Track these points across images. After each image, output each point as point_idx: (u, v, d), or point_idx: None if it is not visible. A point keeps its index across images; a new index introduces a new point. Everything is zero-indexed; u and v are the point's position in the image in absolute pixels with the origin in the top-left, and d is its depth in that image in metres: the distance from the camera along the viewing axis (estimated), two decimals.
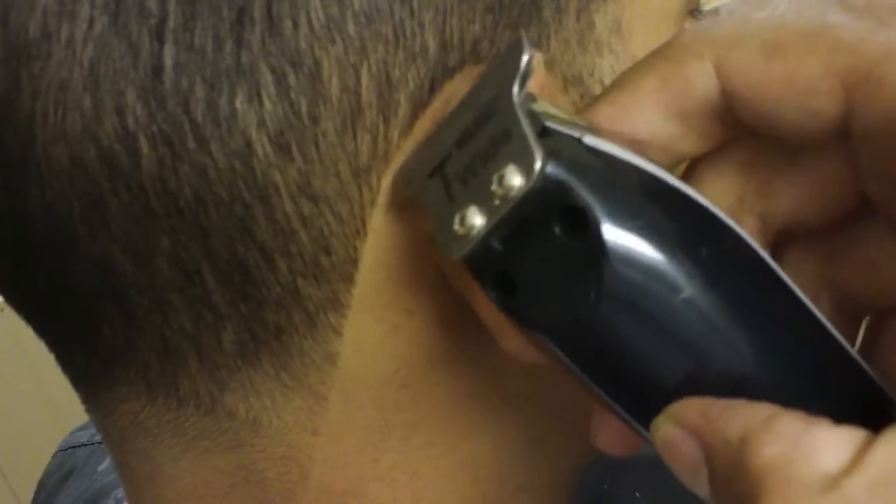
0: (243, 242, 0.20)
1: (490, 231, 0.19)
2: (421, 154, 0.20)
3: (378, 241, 0.21)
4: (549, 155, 0.18)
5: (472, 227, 0.19)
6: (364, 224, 0.21)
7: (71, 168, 0.19)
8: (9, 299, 0.24)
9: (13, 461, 1.36)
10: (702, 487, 0.18)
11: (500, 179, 0.19)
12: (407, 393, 0.23)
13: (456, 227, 0.19)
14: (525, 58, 0.19)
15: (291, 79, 0.19)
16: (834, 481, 0.16)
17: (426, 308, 0.22)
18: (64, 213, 0.20)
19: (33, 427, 1.29)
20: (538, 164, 0.18)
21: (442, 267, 0.22)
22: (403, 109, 0.20)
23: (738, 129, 0.20)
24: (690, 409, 0.18)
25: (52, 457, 0.47)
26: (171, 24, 0.19)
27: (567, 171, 0.19)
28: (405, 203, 0.21)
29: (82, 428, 0.48)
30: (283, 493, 0.23)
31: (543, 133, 0.19)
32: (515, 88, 0.19)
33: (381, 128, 0.20)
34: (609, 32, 0.22)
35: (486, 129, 0.19)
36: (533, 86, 0.20)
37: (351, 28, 0.19)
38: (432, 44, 0.20)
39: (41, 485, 0.46)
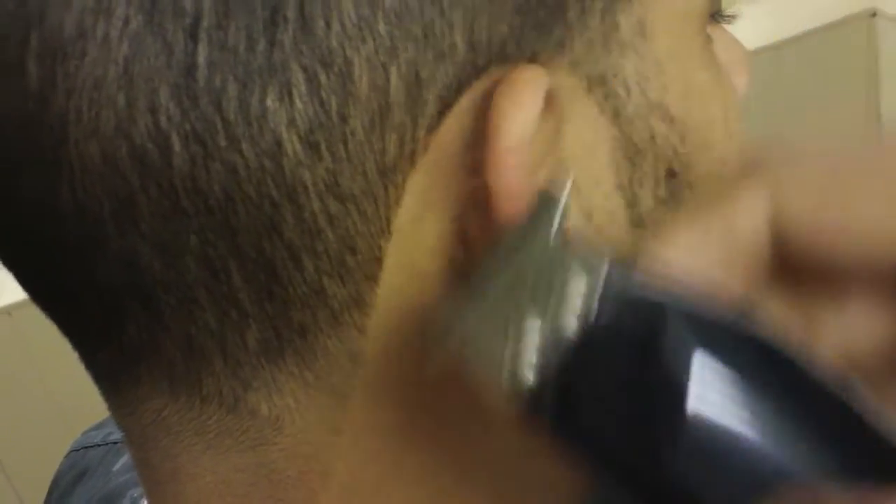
0: (270, 241, 0.20)
1: (553, 369, 0.19)
2: (461, 292, 0.20)
3: (401, 241, 0.21)
4: (623, 289, 0.18)
5: (531, 365, 0.19)
6: (389, 223, 0.21)
7: (103, 166, 0.20)
8: (34, 296, 0.24)
9: (20, 464, 1.36)
10: None
11: (569, 313, 0.19)
12: (430, 393, 0.23)
13: (514, 363, 0.19)
14: (562, 199, 0.19)
15: (322, 78, 0.19)
16: None
17: None
18: (94, 210, 0.20)
19: (40, 431, 1.29)
20: (611, 293, 0.18)
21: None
22: (431, 109, 0.20)
23: (787, 273, 0.20)
24: None
25: (65, 457, 0.47)
26: (205, 23, 0.19)
27: (638, 306, 0.18)
28: (427, 206, 0.21)
29: (95, 428, 0.48)
30: (305, 493, 0.23)
31: (591, 270, 0.19)
32: (555, 228, 0.19)
33: (409, 127, 0.20)
34: (633, 34, 0.22)
35: (543, 270, 0.19)
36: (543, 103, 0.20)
37: (382, 27, 0.19)
38: (461, 44, 0.20)
39: (54, 485, 0.46)
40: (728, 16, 0.26)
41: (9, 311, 1.29)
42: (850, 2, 1.41)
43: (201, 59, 0.19)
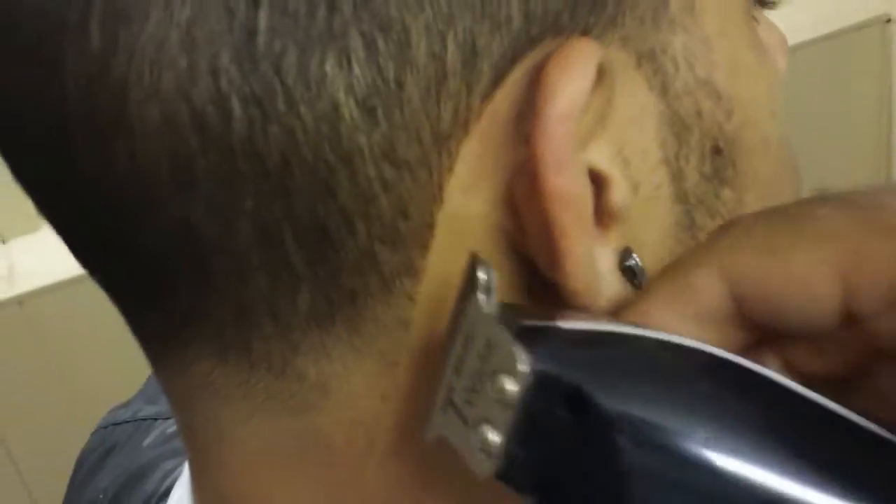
0: (325, 205, 0.21)
1: (508, 443, 0.20)
2: (432, 398, 0.21)
3: (452, 209, 0.21)
4: (531, 351, 0.19)
5: (492, 445, 0.20)
6: (441, 190, 0.21)
7: (162, 127, 0.20)
8: (85, 262, 0.24)
9: (30, 454, 1.36)
10: None
11: (498, 390, 0.19)
12: None
13: (478, 449, 0.20)
14: (481, 273, 0.20)
15: (381, 44, 0.20)
16: None
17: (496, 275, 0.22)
18: (151, 172, 0.20)
19: (51, 420, 1.29)
20: (522, 364, 0.19)
21: None
22: (486, 78, 0.21)
23: (753, 331, 0.21)
24: None
25: (92, 434, 0.47)
26: None
27: (551, 359, 0.19)
28: (479, 175, 0.21)
29: (122, 406, 0.48)
30: (350, 458, 0.24)
31: (521, 332, 0.20)
32: (482, 301, 0.20)
33: (464, 95, 0.20)
34: (682, 11, 0.23)
35: (473, 349, 0.20)
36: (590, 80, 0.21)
37: None
38: (517, 14, 0.20)
39: (80, 461, 0.47)
40: (771, 1, 0.27)
41: (20, 300, 1.30)
42: (864, 7, 1.41)
43: (262, 23, 0.19)
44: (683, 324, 0.21)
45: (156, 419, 0.45)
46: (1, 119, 0.22)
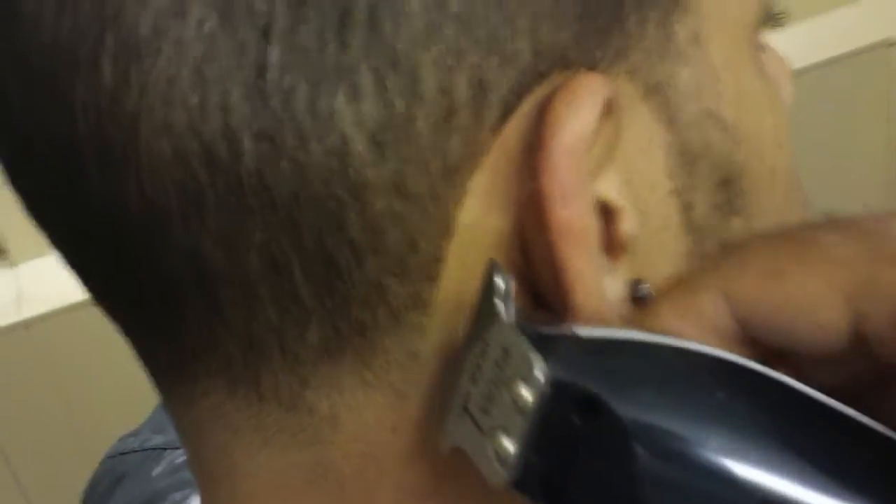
0: (334, 238, 0.21)
1: (523, 451, 0.20)
2: (448, 405, 0.21)
3: (462, 242, 0.22)
4: (547, 358, 0.19)
5: (507, 454, 0.20)
6: (450, 223, 0.21)
7: (173, 161, 0.20)
8: (95, 294, 0.24)
9: (37, 479, 1.36)
10: None
11: (514, 397, 0.20)
12: None
13: (493, 457, 0.20)
14: (499, 281, 0.20)
15: (390, 79, 0.20)
16: None
17: None
18: (161, 205, 0.21)
19: (57, 445, 1.29)
20: (538, 371, 0.19)
21: None
22: (494, 112, 0.21)
23: (758, 348, 0.21)
24: None
25: (101, 463, 0.47)
26: (278, 24, 0.19)
27: (567, 367, 0.19)
28: (488, 208, 0.21)
29: (131, 435, 0.48)
30: (361, 491, 0.24)
31: (537, 339, 0.20)
32: (501, 308, 0.20)
33: (473, 129, 0.21)
34: (688, 43, 0.23)
35: (490, 357, 0.20)
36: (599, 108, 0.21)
37: (449, 31, 0.20)
38: (525, 49, 0.21)
39: (89, 491, 0.47)
40: (778, 16, 0.27)
41: (27, 325, 1.30)
42: (867, 31, 1.42)
43: (273, 59, 0.19)
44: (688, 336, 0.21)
45: (164, 449, 0.45)
46: (13, 150, 0.23)
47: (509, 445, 0.20)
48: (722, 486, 0.18)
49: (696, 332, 0.21)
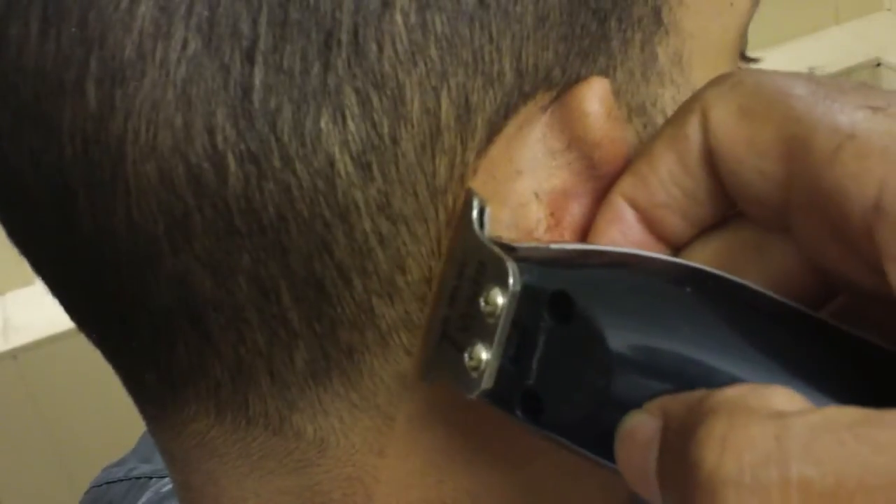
0: (321, 260, 0.21)
1: (498, 358, 0.20)
2: (427, 338, 0.22)
3: None
4: (520, 261, 0.20)
5: (480, 361, 0.20)
6: (439, 244, 0.21)
7: (159, 185, 0.20)
8: (81, 321, 0.24)
9: None
10: (648, 482, 0.18)
11: (488, 303, 0.20)
12: (474, 415, 0.23)
13: (468, 367, 0.20)
14: (476, 204, 0.20)
15: (375, 100, 0.20)
16: (780, 414, 0.16)
17: None
18: (148, 229, 0.20)
19: (43, 475, 1.28)
20: (511, 273, 0.20)
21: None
22: (480, 133, 0.21)
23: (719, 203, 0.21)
24: (662, 398, 0.19)
25: (86, 493, 0.47)
26: (262, 46, 0.19)
27: (540, 268, 0.20)
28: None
29: (116, 464, 0.48)
30: None
31: (511, 252, 0.20)
32: (476, 226, 0.20)
33: (459, 150, 0.21)
34: (671, 64, 0.23)
35: (467, 276, 0.21)
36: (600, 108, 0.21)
37: (433, 52, 0.20)
38: (509, 69, 0.21)
39: None
40: (751, 59, 0.27)
41: (14, 354, 1.29)
42: (855, 52, 1.43)
43: (257, 81, 0.19)
44: (679, 184, 0.21)
45: (150, 478, 0.45)
46: (1, 178, 0.22)
47: (483, 353, 0.20)
48: (696, 372, 0.19)
49: (680, 168, 0.21)
